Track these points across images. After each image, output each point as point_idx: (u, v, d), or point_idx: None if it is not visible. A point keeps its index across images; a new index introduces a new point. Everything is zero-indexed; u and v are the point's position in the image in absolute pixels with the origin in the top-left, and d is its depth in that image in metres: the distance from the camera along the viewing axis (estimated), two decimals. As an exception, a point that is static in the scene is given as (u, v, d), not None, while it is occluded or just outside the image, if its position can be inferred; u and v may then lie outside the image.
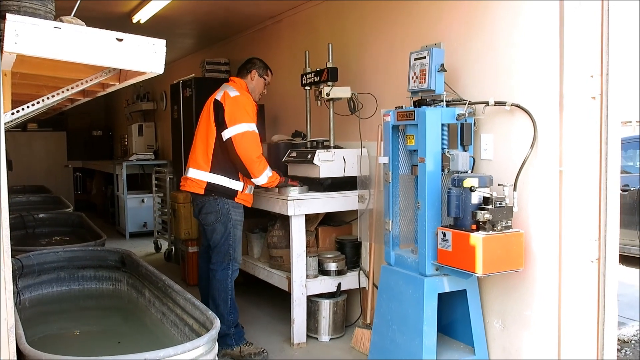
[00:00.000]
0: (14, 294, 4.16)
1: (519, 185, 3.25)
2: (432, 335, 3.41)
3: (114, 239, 8.71)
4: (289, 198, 4.29)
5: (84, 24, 2.06)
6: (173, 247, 7.37)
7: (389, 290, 3.71)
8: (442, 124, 3.43)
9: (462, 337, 3.67)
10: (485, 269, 3.06)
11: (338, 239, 4.83)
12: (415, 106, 3.57)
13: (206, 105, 4.47)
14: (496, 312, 3.58)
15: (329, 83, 4.47)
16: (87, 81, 2.36)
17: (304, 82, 4.79)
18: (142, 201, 9.21)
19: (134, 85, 10.15)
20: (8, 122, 2.44)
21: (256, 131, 4.23)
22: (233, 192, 4.28)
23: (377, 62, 4.57)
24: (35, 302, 4.70)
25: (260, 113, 5.51)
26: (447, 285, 3.48)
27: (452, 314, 3.70)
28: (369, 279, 4.46)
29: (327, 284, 4.52)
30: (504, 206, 3.13)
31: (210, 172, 4.27)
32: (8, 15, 1.83)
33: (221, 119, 4.22)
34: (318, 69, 4.60)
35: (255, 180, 4.26)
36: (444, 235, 3.24)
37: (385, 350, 3.69)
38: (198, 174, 4.30)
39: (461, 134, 3.48)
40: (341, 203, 4.51)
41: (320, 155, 4.44)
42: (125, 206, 9.17)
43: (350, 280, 4.61)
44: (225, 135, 4.19)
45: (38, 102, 2.40)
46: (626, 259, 6.18)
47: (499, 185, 3.24)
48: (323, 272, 4.55)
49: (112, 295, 4.96)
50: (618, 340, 4.43)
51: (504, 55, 3.42)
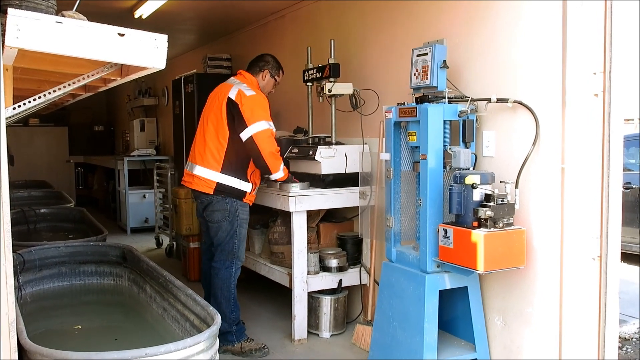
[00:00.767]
0: (15, 288, 4.17)
1: (521, 183, 3.25)
2: (433, 332, 3.41)
3: (115, 235, 8.72)
4: (290, 194, 4.28)
5: (85, 18, 2.06)
6: (174, 243, 7.37)
7: (390, 287, 3.71)
8: (444, 121, 3.42)
9: (463, 334, 3.67)
10: (486, 266, 3.05)
11: (339, 235, 4.83)
12: (417, 103, 3.56)
13: (213, 100, 4.37)
14: (497, 309, 3.57)
15: (330, 79, 4.47)
16: (88, 76, 2.36)
17: (305, 78, 4.78)
18: (144, 197, 9.21)
19: (135, 81, 10.15)
20: (9, 117, 2.43)
21: (273, 128, 4.25)
22: (242, 193, 4.27)
23: (379, 59, 4.56)
24: (36, 297, 4.69)
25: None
26: (448, 282, 3.48)
27: (453, 310, 3.69)
28: (370, 275, 4.46)
29: (328, 281, 4.52)
30: (505, 203, 3.13)
31: (221, 172, 4.22)
32: (10, 10, 1.82)
33: (238, 118, 4.16)
34: (320, 65, 4.59)
35: (273, 175, 4.28)
36: (446, 232, 3.24)
37: (386, 346, 3.69)
38: (208, 173, 4.24)
39: (463, 131, 3.48)
40: (343, 199, 4.51)
41: (322, 152, 4.44)
42: (127, 201, 9.18)
43: (351, 277, 4.61)
44: (245, 135, 4.14)
45: (39, 97, 2.39)
46: (627, 257, 6.18)
47: (500, 182, 3.23)
48: (324, 268, 4.55)
49: (113, 290, 4.95)
50: (619, 337, 4.43)
51: (506, 51, 3.41)
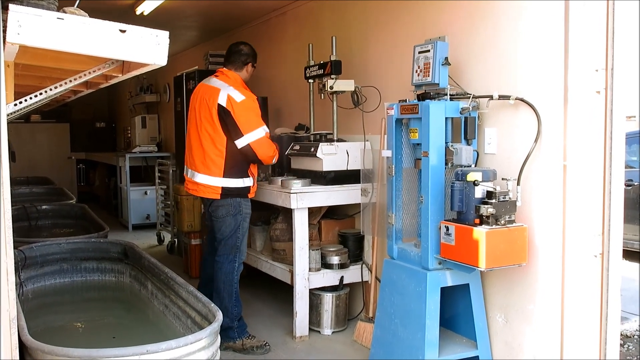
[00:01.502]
0: (17, 285, 4.17)
1: (523, 180, 3.24)
2: (434, 329, 3.41)
3: (117, 231, 8.72)
4: (291, 191, 4.28)
5: (87, 15, 2.05)
6: (176, 240, 7.38)
7: (392, 284, 3.71)
8: (446, 118, 3.42)
9: (464, 331, 3.66)
10: (488, 263, 3.05)
11: (341, 232, 4.82)
12: (419, 100, 3.55)
13: (201, 104, 4.28)
14: (499, 307, 3.57)
15: (332, 76, 4.46)
16: (90, 72, 2.35)
17: (307, 75, 4.77)
18: (145, 193, 9.21)
19: (137, 77, 10.15)
20: (11, 114, 2.43)
21: (267, 131, 4.31)
22: (247, 190, 4.31)
23: (381, 55, 4.55)
24: (38, 293, 4.70)
25: (264, 106, 5.49)
26: (449, 279, 3.47)
27: (455, 308, 3.69)
28: (371, 272, 4.45)
29: (330, 278, 4.52)
30: (507, 200, 3.12)
31: (224, 177, 4.22)
32: (11, 6, 1.82)
33: (232, 125, 4.16)
34: (322, 62, 4.58)
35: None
36: (447, 229, 3.24)
37: (388, 343, 3.69)
38: (212, 180, 4.24)
39: (465, 128, 3.47)
40: (344, 196, 4.50)
41: (324, 149, 4.44)
42: (128, 198, 9.17)
43: (352, 274, 4.61)
44: (241, 143, 4.16)
45: (41, 94, 2.39)
46: (628, 254, 6.17)
47: (502, 179, 3.23)
48: (326, 265, 4.55)
49: (114, 287, 4.96)
50: (620, 335, 4.42)
51: (508, 48, 3.40)
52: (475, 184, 3.12)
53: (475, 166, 3.47)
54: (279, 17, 6.16)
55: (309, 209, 4.42)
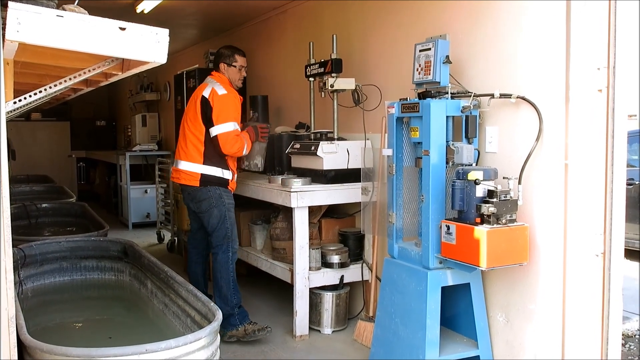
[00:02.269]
0: (16, 283, 4.17)
1: (524, 179, 3.23)
2: (435, 329, 3.40)
3: (117, 230, 8.71)
4: (292, 190, 4.27)
5: (86, 12, 2.04)
6: (176, 238, 7.37)
7: (392, 283, 3.70)
8: (447, 117, 3.40)
9: (465, 331, 3.66)
10: (489, 262, 3.04)
11: (341, 231, 4.81)
12: (419, 98, 3.54)
13: (193, 98, 4.58)
14: (500, 306, 3.56)
15: (333, 74, 4.45)
16: (89, 70, 2.34)
17: (308, 74, 4.76)
18: (145, 192, 9.20)
19: (137, 76, 10.15)
20: (10, 112, 2.42)
21: (237, 129, 4.43)
22: (225, 181, 4.45)
23: (382, 54, 4.54)
24: (37, 292, 4.70)
25: (264, 104, 5.50)
26: (450, 278, 3.46)
27: (456, 307, 3.68)
28: (372, 271, 4.45)
29: (330, 277, 4.51)
30: (508, 199, 3.11)
31: (203, 163, 4.42)
32: (10, 3, 1.81)
33: (209, 116, 4.37)
34: (322, 60, 4.57)
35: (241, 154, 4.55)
36: (448, 228, 3.23)
37: (388, 343, 3.68)
38: (192, 167, 4.45)
39: (466, 127, 3.46)
40: (344, 195, 4.49)
41: (324, 147, 4.43)
42: (129, 197, 9.16)
43: (353, 273, 4.60)
44: (212, 132, 4.37)
45: (40, 92, 2.38)
46: (630, 253, 6.16)
47: (503, 178, 3.22)
48: (326, 264, 4.54)
49: (114, 285, 4.96)
50: (622, 334, 4.41)
51: (510, 47, 3.39)
52: (476, 182, 3.11)
53: (476, 165, 3.46)
54: (279, 16, 6.15)
55: (310, 207, 4.41)
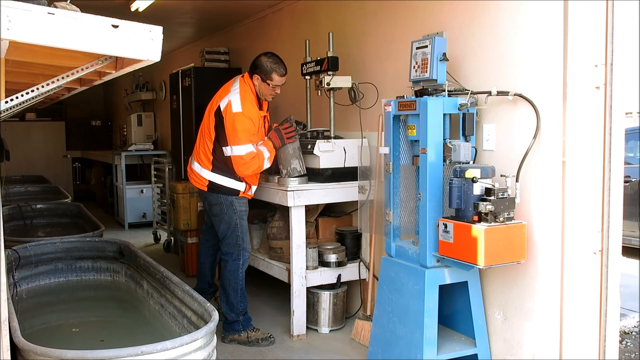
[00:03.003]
0: (11, 285, 4.15)
1: (522, 176, 3.21)
2: (433, 327, 3.38)
3: (113, 230, 8.69)
4: (288, 189, 4.25)
5: (78, 10, 2.01)
6: (172, 238, 7.34)
7: (390, 281, 3.68)
8: (444, 114, 3.39)
9: (463, 329, 3.64)
10: (487, 260, 3.02)
11: (338, 230, 4.80)
12: (416, 96, 3.52)
13: (214, 99, 4.38)
14: (498, 304, 3.55)
15: (329, 72, 4.43)
16: (83, 69, 2.31)
17: (304, 72, 4.74)
18: (141, 191, 9.18)
19: (133, 75, 10.11)
20: (3, 111, 2.40)
21: (253, 150, 4.18)
22: (235, 192, 4.33)
23: (378, 51, 4.52)
24: (32, 293, 4.67)
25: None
26: (448, 277, 3.45)
27: (453, 305, 3.67)
28: (369, 270, 4.43)
29: (327, 276, 4.49)
30: (506, 197, 3.10)
31: (212, 171, 4.33)
32: (0, 1, 1.78)
33: (220, 131, 4.23)
34: (318, 58, 4.55)
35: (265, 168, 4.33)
36: (446, 226, 3.21)
37: (386, 342, 3.66)
38: (201, 171, 4.38)
39: (463, 124, 3.44)
40: (341, 194, 4.47)
41: (321, 146, 4.41)
42: (125, 196, 9.14)
43: (350, 272, 4.58)
44: (226, 152, 4.22)
45: (33, 91, 2.35)
46: (627, 250, 6.15)
47: (501, 176, 3.20)
48: (323, 263, 4.52)
49: (110, 286, 4.93)
50: (619, 331, 4.41)
51: (507, 44, 3.37)
52: (473, 180, 3.09)
53: (473, 163, 3.44)
54: (276, 14, 6.13)
55: (306, 206, 4.40)
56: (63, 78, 2.35)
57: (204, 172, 4.35)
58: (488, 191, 3.09)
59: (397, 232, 3.73)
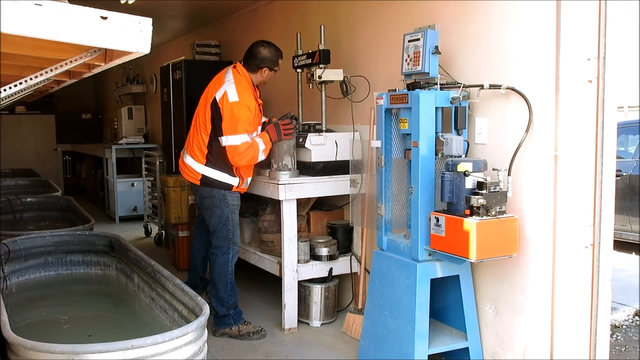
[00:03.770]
0: (0, 279, 4.12)
1: (514, 170, 3.21)
2: (424, 321, 3.38)
3: (104, 223, 8.65)
4: (280, 182, 4.24)
5: (66, 1, 1.99)
6: (163, 232, 7.32)
7: (381, 275, 3.68)
8: (436, 108, 3.38)
9: (454, 323, 3.64)
10: (479, 254, 3.02)
11: (330, 223, 4.79)
12: (408, 89, 3.51)
13: (207, 91, 4.37)
14: (489, 298, 3.55)
15: (321, 65, 4.40)
16: (71, 61, 2.29)
17: (295, 65, 4.72)
18: (132, 185, 9.14)
19: (123, 68, 10.04)
20: (-10, 104, 2.36)
21: (248, 140, 4.17)
22: (228, 186, 4.32)
23: (370, 44, 4.50)
24: (22, 287, 4.64)
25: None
26: (439, 270, 3.45)
27: (445, 299, 3.67)
28: (360, 264, 4.42)
29: (319, 269, 4.49)
30: (498, 191, 3.09)
31: (205, 165, 4.30)
32: (-14, -8, 1.75)
33: (217, 122, 4.20)
34: (310, 51, 4.53)
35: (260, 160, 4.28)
36: (437, 220, 3.20)
37: (377, 335, 3.66)
38: (194, 164, 4.35)
39: (455, 118, 3.43)
40: (333, 187, 4.46)
41: (312, 139, 4.39)
42: (115, 190, 9.09)
43: (342, 266, 4.58)
44: (222, 142, 4.19)
45: (21, 83, 2.33)
46: (617, 244, 6.17)
47: (493, 169, 3.20)
48: (314, 257, 4.51)
49: (100, 280, 4.91)
50: (610, 325, 4.43)
51: (499, 37, 3.36)
52: (465, 174, 3.08)
53: (465, 156, 3.44)
54: (267, 6, 6.09)
55: (298, 200, 4.38)
56: (51, 70, 2.32)
57: (197, 166, 4.32)
58: (480, 185, 3.09)
59: (389, 226, 3.73)
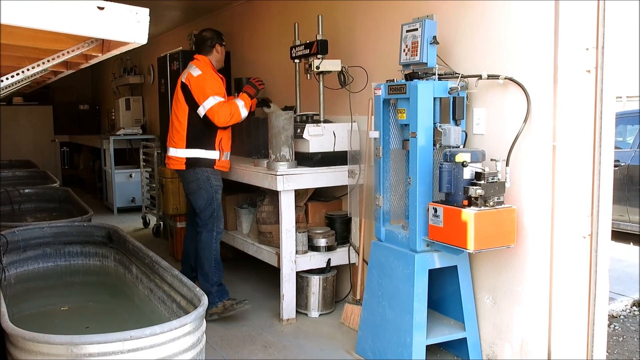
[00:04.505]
0: (-2, 270, 4.11)
1: (512, 161, 3.21)
2: (422, 312, 3.39)
3: (102, 214, 8.65)
4: (278, 173, 4.23)
5: (63, -9, 1.97)
6: (161, 223, 7.32)
7: (379, 266, 3.69)
8: (434, 98, 3.37)
9: (452, 313, 3.66)
10: (477, 245, 3.03)
11: (328, 214, 4.79)
12: (406, 79, 3.51)
13: (176, 86, 4.71)
14: (487, 288, 3.56)
15: (318, 56, 4.39)
16: (68, 52, 2.28)
17: (293, 55, 4.71)
18: (130, 176, 9.12)
19: (120, 59, 10.00)
20: (-13, 94, 2.35)
21: (221, 100, 4.47)
22: (211, 162, 4.55)
23: (368, 35, 4.49)
24: (21, 278, 4.63)
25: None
26: (437, 261, 3.45)
27: (443, 290, 3.68)
28: (359, 254, 4.43)
29: (317, 260, 4.49)
30: (496, 181, 3.09)
31: (187, 147, 4.55)
32: (-18, -19, 1.74)
33: (190, 99, 4.50)
34: (308, 41, 4.51)
35: (243, 117, 4.58)
36: (435, 210, 3.21)
37: (375, 326, 3.67)
38: (176, 152, 4.62)
39: (453, 108, 3.43)
40: (331, 178, 4.46)
41: (310, 130, 4.39)
42: (113, 181, 9.08)
43: (340, 256, 4.58)
44: (201, 112, 4.47)
45: (18, 74, 2.32)
46: (615, 235, 6.18)
47: (491, 160, 3.20)
48: (313, 247, 4.52)
49: (99, 271, 4.90)
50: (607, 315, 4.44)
51: (498, 27, 3.35)
52: (463, 165, 3.09)
53: (463, 147, 3.44)
54: (264, -3, 6.06)
55: (296, 191, 4.38)
56: (48, 61, 2.32)
57: (179, 152, 4.59)
58: (478, 175, 3.09)
59: (387, 217, 3.73)
